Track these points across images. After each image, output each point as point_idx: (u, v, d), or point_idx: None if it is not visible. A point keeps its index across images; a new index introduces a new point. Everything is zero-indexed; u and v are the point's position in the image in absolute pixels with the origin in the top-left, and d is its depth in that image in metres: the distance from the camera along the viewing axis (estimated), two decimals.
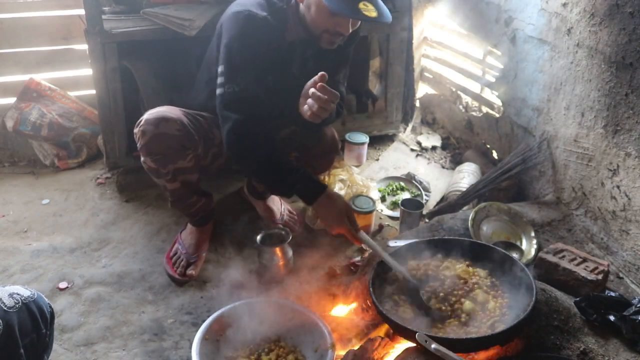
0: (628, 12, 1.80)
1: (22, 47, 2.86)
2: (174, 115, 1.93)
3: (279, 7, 1.93)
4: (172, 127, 1.91)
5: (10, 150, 3.03)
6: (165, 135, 1.90)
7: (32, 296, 1.29)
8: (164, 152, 1.93)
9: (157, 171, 2.00)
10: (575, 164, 2.17)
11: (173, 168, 1.98)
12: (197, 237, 2.24)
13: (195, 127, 1.99)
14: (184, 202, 2.14)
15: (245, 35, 1.85)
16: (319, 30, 1.87)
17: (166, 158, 1.95)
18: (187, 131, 1.94)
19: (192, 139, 1.97)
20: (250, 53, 1.85)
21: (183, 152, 1.96)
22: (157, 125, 1.89)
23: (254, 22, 1.85)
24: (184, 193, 2.09)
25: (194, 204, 2.15)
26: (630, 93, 1.84)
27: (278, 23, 1.91)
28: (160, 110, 1.94)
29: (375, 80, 3.23)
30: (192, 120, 2.00)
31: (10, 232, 2.44)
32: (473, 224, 2.07)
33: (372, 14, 1.78)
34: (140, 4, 2.56)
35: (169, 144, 1.92)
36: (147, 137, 1.91)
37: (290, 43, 1.98)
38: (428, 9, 3.24)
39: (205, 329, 1.74)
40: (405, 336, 1.51)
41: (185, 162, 1.98)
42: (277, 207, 2.47)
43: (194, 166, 2.03)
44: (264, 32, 1.86)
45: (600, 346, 1.52)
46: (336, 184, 2.63)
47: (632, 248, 1.93)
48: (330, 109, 1.80)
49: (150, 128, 1.90)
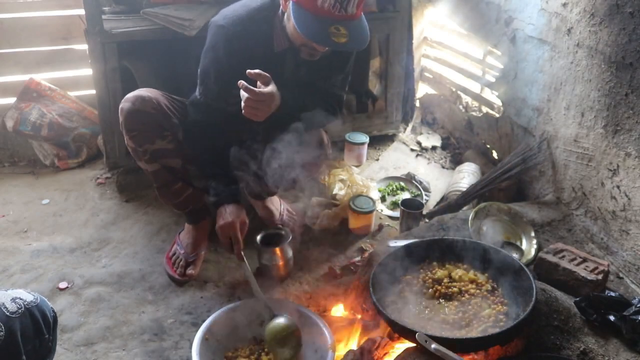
0: (628, 12, 1.80)
1: (22, 47, 2.86)
2: (151, 94, 2.02)
3: (264, 16, 1.92)
4: (148, 105, 1.99)
5: (10, 150, 3.03)
6: (140, 112, 1.98)
7: (34, 301, 1.27)
8: (140, 129, 1.99)
9: (136, 151, 2.05)
10: (575, 164, 2.17)
11: (152, 149, 2.02)
12: (194, 236, 2.24)
13: (176, 111, 2.06)
14: (169, 188, 2.13)
15: (214, 49, 1.95)
16: (297, 43, 1.89)
17: (142, 135, 2.00)
18: (163, 111, 2.01)
19: (170, 121, 2.03)
20: (216, 66, 1.95)
21: (160, 132, 2.02)
22: (134, 103, 1.98)
23: (223, 37, 1.91)
24: (167, 178, 2.10)
25: (180, 192, 2.14)
26: (630, 93, 1.84)
27: (258, 35, 1.92)
28: (140, 90, 2.04)
29: (375, 80, 3.23)
30: (171, 103, 2.07)
31: (10, 232, 2.44)
32: (473, 224, 2.06)
33: (341, 39, 1.73)
34: (140, 4, 2.56)
35: (144, 121, 1.99)
36: (124, 114, 1.99)
37: (280, 53, 1.98)
38: (428, 9, 3.24)
39: (205, 329, 1.74)
40: (405, 336, 1.51)
41: (163, 142, 2.03)
42: (277, 207, 2.47)
43: (175, 151, 2.07)
44: (234, 45, 1.90)
45: (600, 346, 1.52)
46: (336, 184, 2.63)
47: (632, 248, 1.93)
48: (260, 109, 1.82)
49: (127, 105, 1.99)
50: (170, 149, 2.05)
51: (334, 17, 1.73)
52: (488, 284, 1.65)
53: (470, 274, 1.69)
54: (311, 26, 1.74)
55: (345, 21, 1.75)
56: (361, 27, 1.81)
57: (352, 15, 1.76)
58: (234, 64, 1.90)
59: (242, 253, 1.96)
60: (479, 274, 1.69)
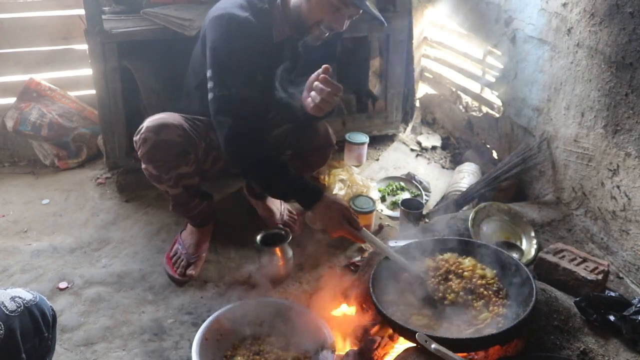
0: (628, 12, 1.80)
1: (22, 47, 2.86)
2: (175, 121, 1.92)
3: (260, 7, 1.91)
4: (174, 133, 1.90)
5: (10, 150, 3.03)
6: (166, 142, 1.89)
7: (34, 299, 1.27)
8: (166, 159, 1.93)
9: (159, 177, 1.99)
10: (575, 164, 2.17)
11: (175, 174, 1.98)
12: (198, 238, 2.24)
13: (195, 131, 2.00)
14: (186, 206, 2.14)
15: (230, 37, 1.83)
16: (313, 21, 1.86)
17: (168, 164, 1.94)
18: (188, 136, 1.94)
19: (193, 143, 1.97)
20: (236, 54, 1.83)
21: (185, 157, 1.96)
22: (158, 133, 1.88)
23: (236, 24, 1.84)
24: (186, 198, 2.09)
25: (195, 207, 2.15)
26: (630, 93, 1.84)
27: (262, 24, 1.90)
28: (161, 117, 1.93)
29: (375, 80, 3.23)
30: (192, 125, 2.00)
31: (10, 232, 2.44)
32: (473, 224, 2.07)
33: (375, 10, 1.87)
34: (140, 4, 2.56)
35: (171, 151, 1.91)
36: (148, 145, 1.90)
37: (279, 43, 1.98)
38: (428, 9, 3.24)
39: (205, 329, 1.74)
40: (405, 336, 1.51)
41: (187, 167, 1.98)
42: (277, 207, 2.47)
43: (195, 170, 2.04)
44: (247, 32, 1.85)
45: (600, 346, 1.52)
46: (336, 184, 2.63)
47: (632, 248, 1.93)
48: (333, 102, 1.80)
49: (151, 135, 1.88)
50: (192, 171, 2.01)
51: None
52: (495, 283, 1.64)
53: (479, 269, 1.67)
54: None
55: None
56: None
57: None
58: (250, 50, 1.84)
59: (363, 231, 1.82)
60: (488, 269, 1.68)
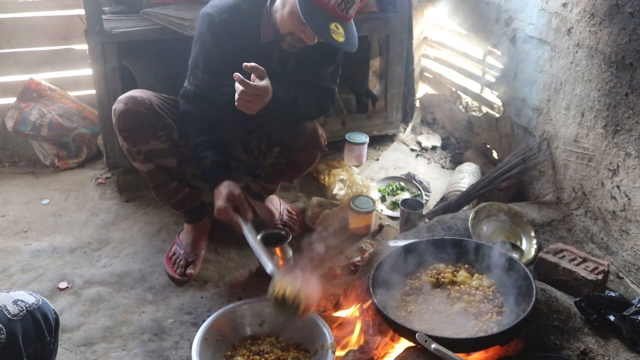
0: (628, 12, 1.80)
1: (22, 47, 2.87)
2: (144, 94, 2.03)
3: (247, 8, 1.94)
4: (140, 105, 1.99)
5: (10, 150, 3.03)
6: (132, 111, 1.98)
7: (36, 303, 1.26)
8: (133, 129, 2.00)
9: (130, 152, 2.05)
10: (575, 164, 2.17)
11: (145, 149, 2.02)
12: (193, 236, 2.24)
13: (169, 111, 2.07)
14: (165, 187, 2.13)
15: (201, 38, 1.98)
16: (285, 31, 1.90)
17: (135, 135, 2.01)
18: (156, 111, 2.02)
19: (163, 120, 2.04)
20: (204, 55, 1.97)
21: (153, 132, 2.02)
22: (126, 103, 1.99)
23: (209, 25, 1.94)
24: (162, 178, 2.10)
25: (176, 191, 2.14)
26: (630, 93, 1.84)
27: (245, 24, 1.94)
28: (132, 91, 2.05)
29: (375, 80, 3.23)
30: (168, 105, 2.08)
31: (10, 232, 2.44)
32: (473, 224, 2.06)
33: (340, 38, 1.82)
34: (140, 4, 2.56)
35: (137, 121, 1.99)
36: (117, 114, 2.00)
37: (267, 44, 1.99)
38: (428, 9, 3.24)
39: (205, 329, 1.74)
40: (405, 336, 1.51)
41: (157, 143, 2.03)
42: (277, 207, 2.47)
43: (170, 150, 2.07)
44: (220, 34, 1.93)
45: (600, 346, 1.52)
46: (336, 184, 2.63)
47: (632, 248, 1.93)
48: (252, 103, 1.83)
49: (120, 105, 2.00)
50: (164, 149, 2.05)
51: (335, 15, 1.81)
52: (491, 289, 1.64)
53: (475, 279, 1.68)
54: (315, 18, 1.79)
55: (343, 22, 1.84)
56: (353, 31, 1.90)
57: (349, 18, 1.86)
58: (222, 52, 1.95)
59: (245, 219, 1.92)
60: (485, 278, 1.68)
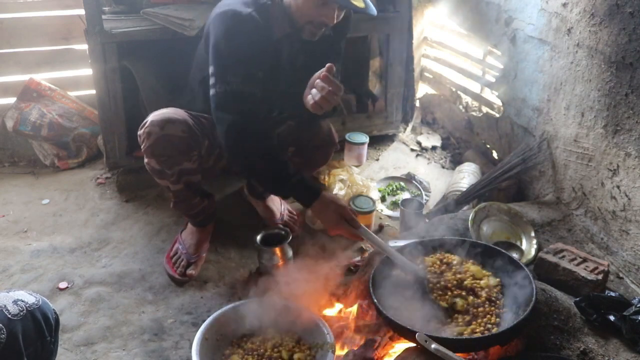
0: (628, 12, 1.80)
1: (22, 47, 2.86)
2: (180, 116, 1.94)
3: (262, 3, 1.90)
4: (178, 128, 1.92)
5: (10, 150, 3.03)
6: (171, 136, 1.91)
7: (36, 303, 1.26)
8: (170, 154, 1.94)
9: (162, 172, 2.00)
10: (575, 164, 2.17)
11: (178, 169, 1.99)
12: (198, 237, 2.24)
13: (199, 128, 2.01)
14: (187, 203, 2.13)
15: (232, 34, 1.84)
16: (303, 20, 1.87)
17: (172, 159, 1.96)
18: (192, 132, 1.96)
19: (197, 139, 1.98)
20: (238, 51, 1.83)
21: (189, 153, 1.97)
22: (163, 127, 1.90)
23: (239, 20, 1.85)
24: (188, 194, 2.10)
25: (196, 205, 2.15)
26: (630, 93, 1.84)
27: (264, 20, 1.89)
28: (166, 112, 1.95)
29: (375, 80, 3.23)
30: (196, 122, 2.01)
31: (10, 232, 2.44)
32: (473, 224, 2.06)
33: (360, 4, 1.80)
34: (140, 4, 2.56)
35: (175, 146, 1.93)
36: (152, 139, 1.91)
37: (278, 39, 1.97)
38: (428, 9, 3.24)
39: (205, 329, 1.74)
40: (405, 336, 1.51)
41: (190, 163, 1.99)
42: (277, 207, 2.47)
43: (198, 167, 2.04)
44: (250, 29, 1.85)
45: (600, 346, 1.52)
46: (336, 184, 2.63)
47: (632, 248, 1.93)
48: (333, 100, 1.79)
49: (156, 130, 1.90)
50: (194, 168, 2.02)
51: None
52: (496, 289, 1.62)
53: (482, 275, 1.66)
54: None
55: None
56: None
57: None
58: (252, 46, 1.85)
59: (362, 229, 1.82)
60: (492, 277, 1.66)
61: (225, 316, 1.81)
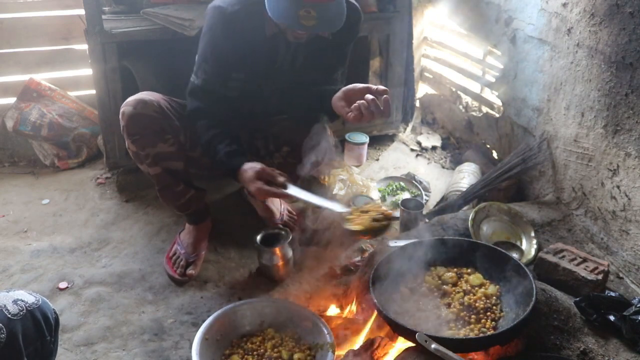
0: (628, 12, 1.80)
1: (22, 47, 2.86)
2: (153, 98, 2.01)
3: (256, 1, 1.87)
4: (150, 108, 1.98)
5: (10, 150, 3.03)
6: (142, 115, 1.97)
7: (36, 302, 1.26)
8: (142, 133, 1.99)
9: (138, 155, 2.04)
10: (575, 164, 2.18)
11: (153, 152, 2.01)
12: (195, 236, 2.24)
13: (178, 113, 2.05)
14: (171, 190, 2.12)
15: (213, 31, 1.93)
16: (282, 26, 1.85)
17: (144, 139, 1.99)
18: (165, 114, 2.01)
19: (172, 123, 2.02)
20: (214, 50, 1.94)
21: (162, 136, 2.01)
22: (135, 106, 1.97)
23: (221, 19, 1.89)
24: (169, 181, 2.10)
25: (182, 194, 2.14)
26: (630, 93, 1.84)
27: (254, 17, 1.88)
28: (141, 94, 2.03)
29: (375, 80, 3.22)
30: (175, 107, 2.06)
31: (10, 232, 2.44)
32: (473, 224, 2.07)
33: (310, 22, 1.69)
34: (140, 4, 2.56)
35: (146, 125, 1.98)
36: (125, 117, 1.98)
37: (271, 37, 1.95)
38: (428, 9, 3.24)
39: (205, 329, 1.74)
40: (405, 336, 1.51)
41: (166, 146, 2.02)
42: (277, 207, 2.47)
43: (177, 153, 2.06)
44: (232, 29, 1.88)
45: (600, 346, 1.52)
46: (336, 184, 2.63)
47: (632, 248, 1.93)
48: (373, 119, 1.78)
49: (129, 109, 1.97)
50: (172, 152, 2.04)
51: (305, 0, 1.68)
52: (494, 297, 1.62)
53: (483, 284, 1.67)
54: (281, 8, 1.72)
55: (318, 4, 1.68)
56: (335, 10, 1.74)
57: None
58: (232, 45, 1.91)
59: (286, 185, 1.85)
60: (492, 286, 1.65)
61: (225, 316, 1.81)
